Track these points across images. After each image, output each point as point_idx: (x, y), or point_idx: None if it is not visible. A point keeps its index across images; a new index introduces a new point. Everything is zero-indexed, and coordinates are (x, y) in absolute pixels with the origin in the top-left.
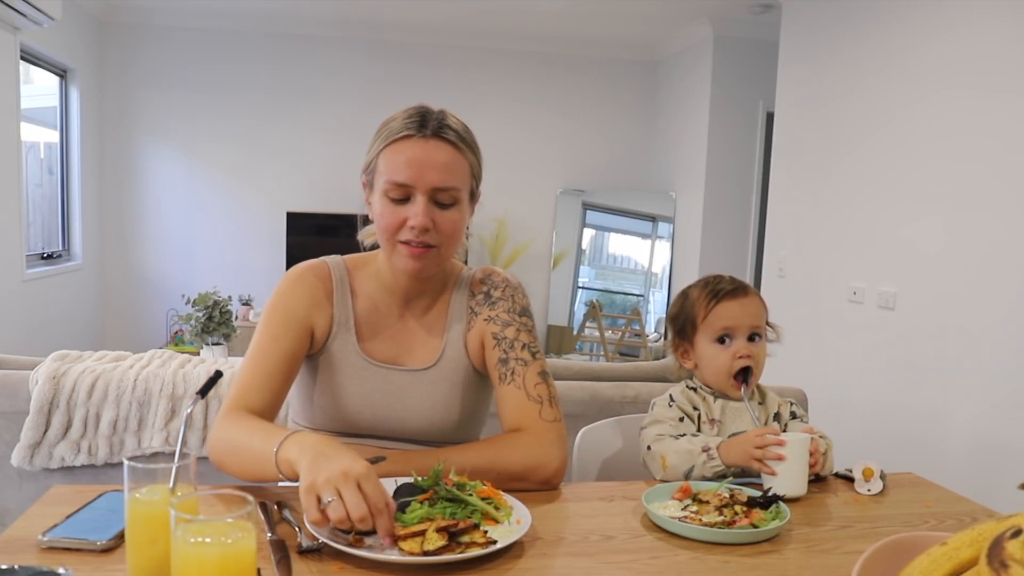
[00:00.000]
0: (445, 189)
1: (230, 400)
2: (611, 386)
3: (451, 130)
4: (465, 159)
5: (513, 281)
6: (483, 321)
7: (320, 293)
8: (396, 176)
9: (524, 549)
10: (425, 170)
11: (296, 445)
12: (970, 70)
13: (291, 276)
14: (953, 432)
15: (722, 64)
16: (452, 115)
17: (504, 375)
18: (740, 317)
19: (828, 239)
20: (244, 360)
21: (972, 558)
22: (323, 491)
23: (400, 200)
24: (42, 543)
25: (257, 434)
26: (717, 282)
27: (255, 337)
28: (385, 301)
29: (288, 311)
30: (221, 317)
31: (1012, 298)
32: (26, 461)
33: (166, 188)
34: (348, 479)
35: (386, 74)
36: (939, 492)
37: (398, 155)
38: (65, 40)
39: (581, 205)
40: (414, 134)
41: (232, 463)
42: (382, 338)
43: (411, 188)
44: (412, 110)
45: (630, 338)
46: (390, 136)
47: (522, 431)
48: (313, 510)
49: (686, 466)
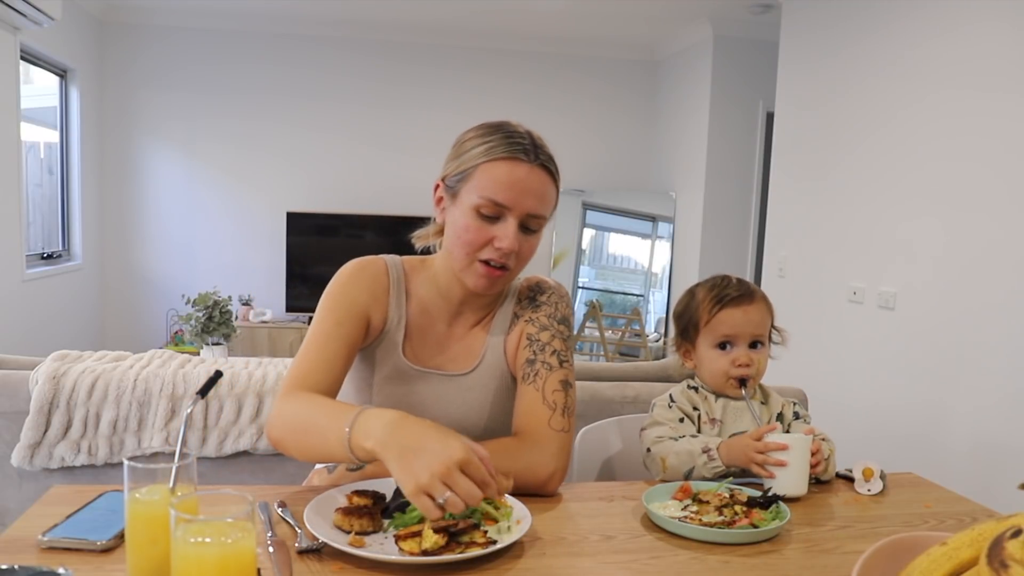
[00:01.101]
0: (537, 216)
1: (291, 380)
2: (611, 386)
3: (550, 159)
4: (556, 188)
5: (561, 290)
6: (524, 322)
7: (379, 289)
8: (496, 195)
9: (524, 549)
10: (526, 195)
11: (373, 432)
12: (970, 70)
13: (353, 268)
14: (953, 432)
15: (722, 64)
16: (543, 141)
17: (528, 375)
18: (742, 325)
19: (828, 239)
20: (305, 342)
21: (972, 558)
22: (435, 492)
23: (490, 218)
24: (42, 543)
25: (325, 413)
26: (724, 286)
27: (317, 321)
28: (438, 307)
29: (351, 301)
30: (221, 317)
31: (1012, 298)
32: (26, 461)
33: (166, 188)
34: (451, 471)
35: (386, 74)
36: (939, 492)
37: (500, 174)
38: (65, 40)
39: (581, 205)
40: (523, 159)
41: (295, 442)
42: (428, 343)
43: (506, 209)
44: (511, 129)
45: (630, 338)
46: (493, 152)
47: (527, 436)
48: (432, 510)
49: (686, 467)
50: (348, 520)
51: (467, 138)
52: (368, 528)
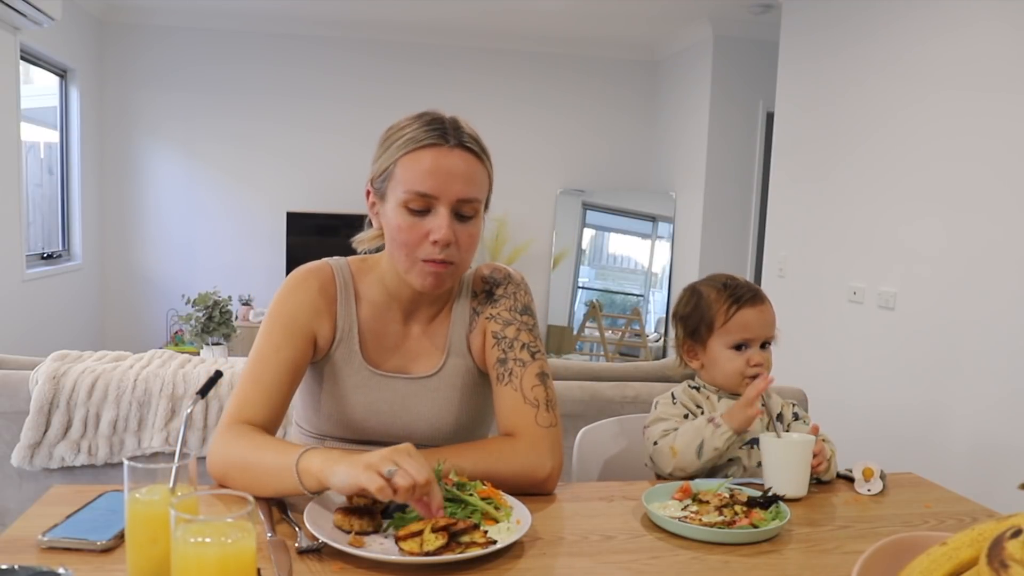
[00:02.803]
0: (468, 200)
1: (230, 414)
2: (611, 386)
3: (472, 139)
4: (484, 169)
5: (516, 277)
6: (485, 319)
7: (323, 300)
8: (419, 186)
9: (524, 549)
10: (450, 181)
11: (319, 456)
12: (970, 70)
13: (293, 281)
14: (953, 432)
15: (722, 64)
16: (466, 123)
17: (502, 375)
18: (759, 328)
19: (828, 239)
20: (244, 370)
21: (972, 558)
22: (382, 466)
23: (419, 212)
24: (42, 543)
25: (268, 449)
26: (735, 286)
27: (256, 346)
28: (390, 308)
29: (290, 319)
30: (221, 317)
31: (1012, 298)
32: (26, 461)
33: (166, 188)
34: (399, 452)
35: (386, 74)
36: (939, 492)
37: (420, 164)
38: (65, 40)
39: (581, 205)
40: (438, 143)
41: (239, 479)
42: (386, 346)
43: (434, 199)
44: (429, 117)
45: (630, 338)
46: (409, 144)
47: (517, 437)
48: (380, 483)
49: (696, 443)
50: (348, 520)
51: (387, 136)
52: (368, 528)
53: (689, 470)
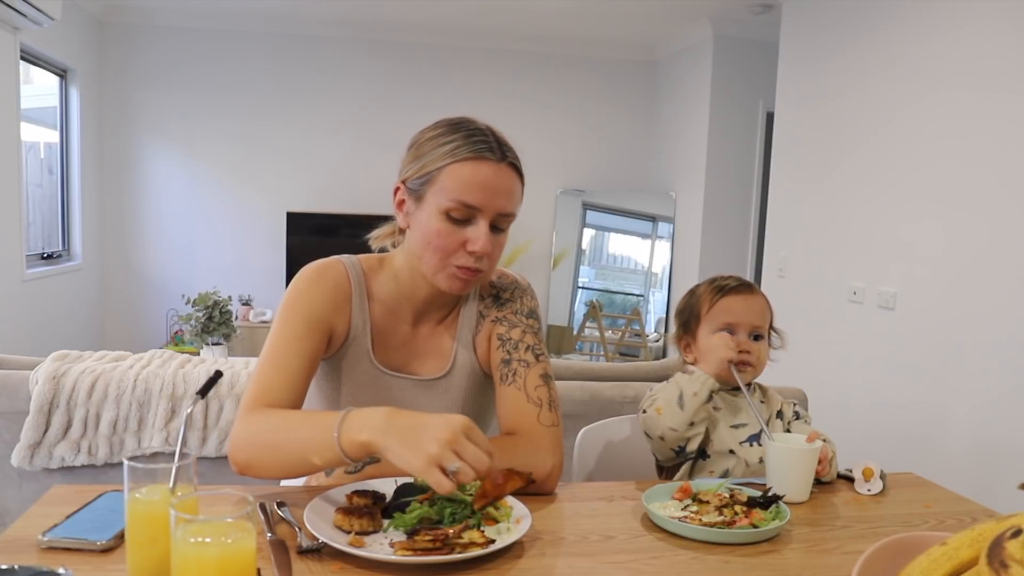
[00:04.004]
0: (507, 215)
1: (251, 399)
2: (611, 386)
3: (516, 157)
4: (522, 185)
5: (522, 283)
6: (491, 322)
7: (340, 296)
8: (467, 197)
9: (524, 549)
10: (496, 195)
11: (367, 424)
12: (970, 70)
13: (310, 274)
14: (953, 432)
15: (722, 64)
16: (504, 136)
17: (506, 375)
18: (743, 313)
19: (828, 239)
20: (262, 359)
21: (972, 558)
22: (446, 461)
23: (460, 221)
24: (42, 543)
25: (302, 420)
26: (724, 279)
27: (274, 335)
28: (401, 307)
29: (310, 311)
30: (221, 317)
31: (1012, 298)
32: (26, 461)
33: (166, 188)
34: (459, 437)
35: (386, 74)
36: (939, 492)
37: (470, 176)
38: (65, 40)
39: (581, 205)
40: (489, 157)
41: (268, 459)
42: (395, 346)
43: (477, 211)
44: (472, 126)
45: (630, 338)
46: (459, 153)
47: (518, 435)
48: (444, 482)
49: (675, 395)
50: (348, 520)
51: (426, 138)
52: (368, 528)
53: (680, 428)
